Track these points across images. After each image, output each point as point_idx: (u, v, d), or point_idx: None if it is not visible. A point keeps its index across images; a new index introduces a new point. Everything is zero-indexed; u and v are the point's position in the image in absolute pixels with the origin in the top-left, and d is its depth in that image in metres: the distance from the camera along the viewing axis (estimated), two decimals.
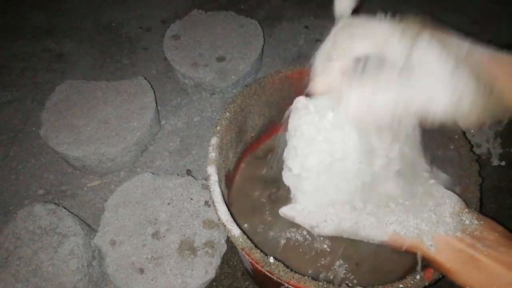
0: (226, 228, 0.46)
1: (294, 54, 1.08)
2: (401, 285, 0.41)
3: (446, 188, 0.43)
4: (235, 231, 0.46)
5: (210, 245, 0.65)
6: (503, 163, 0.85)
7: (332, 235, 0.41)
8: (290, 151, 0.42)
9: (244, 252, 0.44)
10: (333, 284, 0.42)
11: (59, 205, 0.71)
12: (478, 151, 0.88)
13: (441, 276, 0.42)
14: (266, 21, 1.15)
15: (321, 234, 0.40)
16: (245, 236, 0.45)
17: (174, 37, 0.97)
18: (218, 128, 0.55)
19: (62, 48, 1.10)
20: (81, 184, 0.85)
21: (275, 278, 0.43)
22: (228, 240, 0.68)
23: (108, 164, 0.82)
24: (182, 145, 0.90)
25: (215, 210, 0.48)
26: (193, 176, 0.80)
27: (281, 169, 0.45)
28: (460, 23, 1.12)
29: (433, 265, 0.39)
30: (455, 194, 0.40)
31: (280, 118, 0.63)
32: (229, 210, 0.48)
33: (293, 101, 0.42)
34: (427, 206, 0.39)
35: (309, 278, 0.42)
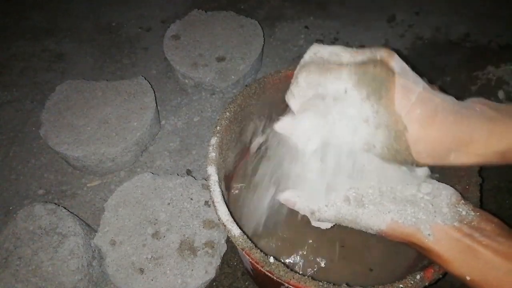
0: (226, 228, 0.46)
1: (294, 54, 1.08)
2: (401, 285, 0.41)
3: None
4: (235, 231, 0.46)
5: (210, 245, 0.65)
6: None
7: (332, 221, 0.40)
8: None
9: (244, 252, 0.44)
10: (333, 284, 0.42)
11: (59, 205, 0.71)
12: None
13: (441, 276, 0.42)
14: (266, 21, 1.15)
15: (321, 219, 0.40)
16: (245, 236, 0.45)
17: (174, 37, 0.97)
18: (218, 128, 0.55)
19: (62, 48, 1.11)
20: (81, 184, 0.85)
21: (275, 278, 0.43)
22: (228, 240, 0.68)
23: (108, 164, 0.82)
24: (182, 145, 0.90)
25: (215, 210, 0.48)
26: (193, 176, 0.80)
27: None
28: (460, 24, 1.12)
29: (429, 256, 0.38)
30: (450, 186, 0.40)
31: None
32: (229, 210, 0.48)
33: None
34: (423, 198, 0.40)
35: (309, 278, 0.42)
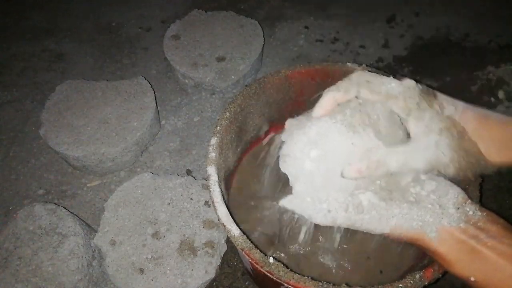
0: (226, 228, 0.46)
1: (294, 54, 1.08)
2: (401, 285, 0.41)
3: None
4: (235, 231, 0.46)
5: (210, 245, 0.65)
6: None
7: (331, 225, 0.39)
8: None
9: (244, 252, 0.44)
10: (333, 284, 0.42)
11: (59, 205, 0.71)
12: None
13: (441, 276, 0.42)
14: (266, 21, 1.15)
15: (322, 224, 0.39)
16: (245, 236, 0.45)
17: (174, 37, 0.97)
18: (218, 128, 0.55)
19: (62, 48, 1.11)
20: (81, 184, 0.85)
21: (275, 278, 0.43)
22: (228, 240, 0.68)
23: (108, 164, 0.82)
24: (182, 145, 0.90)
25: (215, 210, 0.48)
26: (193, 176, 0.80)
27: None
28: (460, 24, 1.12)
29: (434, 258, 0.38)
30: (457, 185, 0.40)
31: (280, 118, 0.64)
32: (229, 210, 0.48)
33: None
34: (429, 196, 0.38)
35: (309, 278, 0.42)
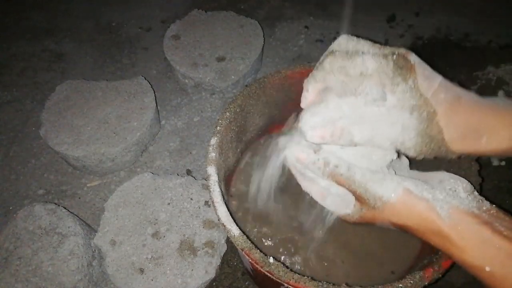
0: (226, 228, 0.46)
1: (294, 54, 1.08)
2: (401, 285, 0.41)
3: None
4: (235, 231, 0.46)
5: (210, 245, 0.65)
6: (503, 163, 0.85)
7: (341, 182, 0.38)
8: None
9: (244, 252, 0.44)
10: (333, 284, 0.42)
11: (59, 205, 0.71)
12: None
13: (441, 276, 0.42)
14: (266, 21, 1.15)
15: (333, 174, 0.38)
16: (245, 236, 0.45)
17: (174, 37, 0.97)
18: (218, 128, 0.55)
19: (62, 48, 1.10)
20: (81, 184, 0.85)
21: (275, 278, 0.43)
22: (228, 240, 0.68)
23: (108, 164, 0.82)
24: (182, 145, 0.90)
25: (215, 210, 0.48)
26: (193, 176, 0.80)
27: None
28: (460, 24, 1.12)
29: (440, 242, 0.35)
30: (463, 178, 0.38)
31: (280, 118, 0.64)
32: (229, 210, 0.48)
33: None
34: (436, 183, 0.37)
35: (309, 278, 0.42)
